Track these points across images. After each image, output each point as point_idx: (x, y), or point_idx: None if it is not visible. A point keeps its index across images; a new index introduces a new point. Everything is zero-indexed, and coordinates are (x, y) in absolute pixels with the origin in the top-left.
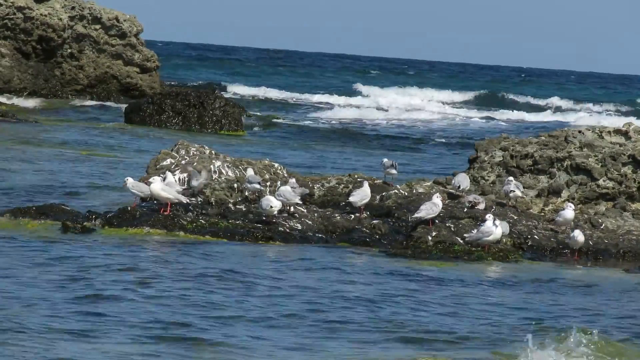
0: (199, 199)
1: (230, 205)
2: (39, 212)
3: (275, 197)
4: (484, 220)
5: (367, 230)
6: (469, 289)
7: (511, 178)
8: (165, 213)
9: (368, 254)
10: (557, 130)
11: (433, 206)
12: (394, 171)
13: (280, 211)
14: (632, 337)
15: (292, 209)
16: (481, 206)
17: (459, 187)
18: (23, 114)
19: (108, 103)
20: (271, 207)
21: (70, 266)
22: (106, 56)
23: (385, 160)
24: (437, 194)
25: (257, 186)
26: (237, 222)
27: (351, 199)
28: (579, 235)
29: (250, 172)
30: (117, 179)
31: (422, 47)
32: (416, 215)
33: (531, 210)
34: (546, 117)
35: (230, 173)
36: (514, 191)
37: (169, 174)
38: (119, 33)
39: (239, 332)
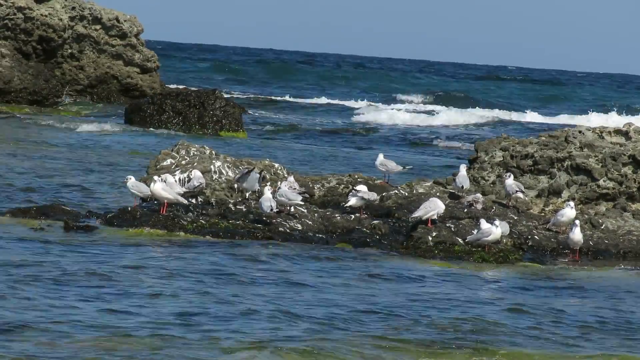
0: (200, 199)
1: (231, 205)
2: (39, 212)
3: (275, 197)
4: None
5: (367, 231)
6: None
7: (510, 174)
8: (162, 213)
9: (367, 254)
10: (558, 131)
11: (430, 204)
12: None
13: (280, 211)
14: None
15: (292, 209)
16: (479, 205)
17: (462, 187)
18: (22, 113)
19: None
20: (272, 208)
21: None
22: (106, 56)
23: (381, 157)
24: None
25: (256, 186)
26: (238, 222)
27: (350, 202)
28: (577, 235)
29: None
30: (118, 179)
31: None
32: (415, 214)
33: (531, 211)
34: None
35: (230, 173)
36: (517, 191)
37: (167, 174)
38: (120, 33)
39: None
